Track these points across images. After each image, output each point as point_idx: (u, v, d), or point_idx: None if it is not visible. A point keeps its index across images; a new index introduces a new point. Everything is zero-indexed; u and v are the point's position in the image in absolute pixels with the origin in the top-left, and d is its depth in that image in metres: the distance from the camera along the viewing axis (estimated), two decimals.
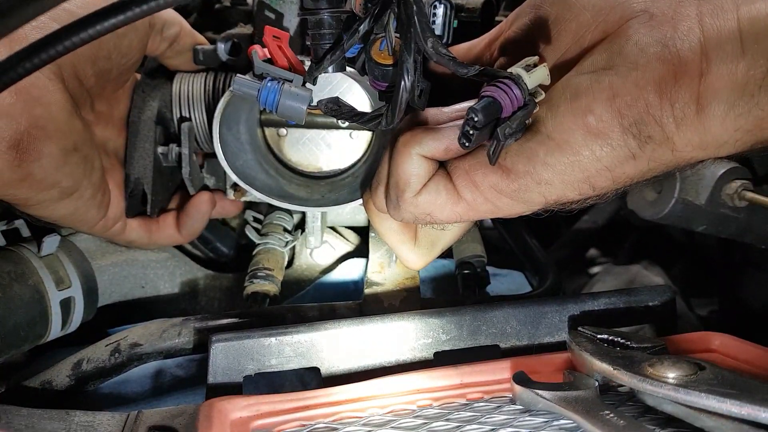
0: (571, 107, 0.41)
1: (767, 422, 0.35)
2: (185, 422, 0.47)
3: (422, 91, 0.47)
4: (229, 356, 0.52)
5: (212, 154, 0.72)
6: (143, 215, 0.72)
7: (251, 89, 0.48)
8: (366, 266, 0.76)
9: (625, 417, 0.39)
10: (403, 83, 0.42)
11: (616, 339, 0.47)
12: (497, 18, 0.73)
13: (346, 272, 0.82)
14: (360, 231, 0.89)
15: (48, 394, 0.59)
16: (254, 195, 0.69)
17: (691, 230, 0.71)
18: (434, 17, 0.64)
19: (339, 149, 0.75)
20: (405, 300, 0.68)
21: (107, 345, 0.60)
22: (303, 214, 0.84)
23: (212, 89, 0.72)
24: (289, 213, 0.85)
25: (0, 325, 0.59)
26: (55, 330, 0.65)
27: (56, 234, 0.67)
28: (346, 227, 0.89)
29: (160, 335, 0.61)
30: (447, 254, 0.77)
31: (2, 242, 0.65)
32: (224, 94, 0.65)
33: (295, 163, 0.76)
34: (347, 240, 0.87)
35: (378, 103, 0.48)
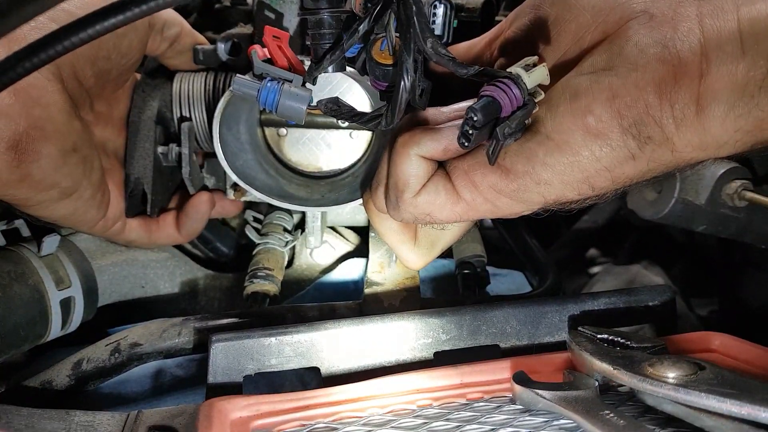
0: (571, 108, 0.41)
1: (767, 422, 0.35)
2: (185, 422, 0.47)
3: (423, 91, 0.47)
4: (229, 356, 0.52)
5: (212, 154, 0.72)
6: (143, 215, 0.72)
7: (251, 89, 0.48)
8: (366, 266, 0.76)
9: (625, 417, 0.39)
10: (403, 83, 0.42)
11: (616, 339, 0.47)
12: (497, 18, 0.73)
13: (346, 272, 0.82)
14: (360, 231, 0.88)
15: (48, 394, 0.59)
16: (254, 195, 0.69)
17: (691, 230, 0.71)
18: (434, 17, 0.64)
19: (339, 149, 0.75)
20: (405, 300, 0.68)
21: (107, 345, 0.61)
22: (303, 214, 0.84)
23: (212, 89, 0.72)
24: (289, 213, 0.85)
25: (0, 325, 0.59)
26: (55, 330, 0.65)
27: (56, 234, 0.67)
28: (346, 227, 0.89)
29: (160, 335, 0.61)
30: (447, 254, 0.77)
31: (2, 242, 0.65)
32: (224, 94, 0.65)
33: (295, 163, 0.76)
34: (347, 240, 0.87)
35: (378, 103, 0.48)
